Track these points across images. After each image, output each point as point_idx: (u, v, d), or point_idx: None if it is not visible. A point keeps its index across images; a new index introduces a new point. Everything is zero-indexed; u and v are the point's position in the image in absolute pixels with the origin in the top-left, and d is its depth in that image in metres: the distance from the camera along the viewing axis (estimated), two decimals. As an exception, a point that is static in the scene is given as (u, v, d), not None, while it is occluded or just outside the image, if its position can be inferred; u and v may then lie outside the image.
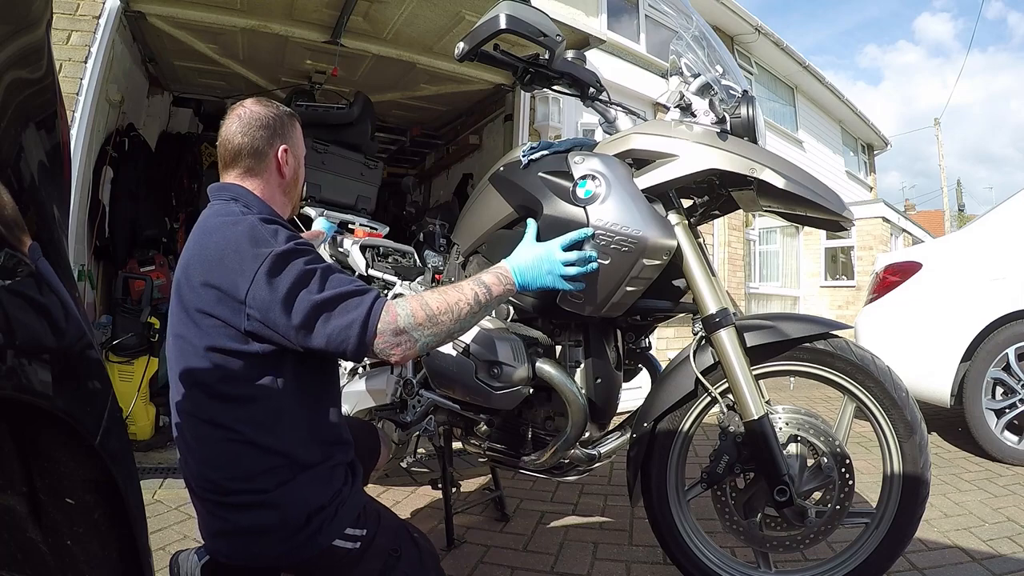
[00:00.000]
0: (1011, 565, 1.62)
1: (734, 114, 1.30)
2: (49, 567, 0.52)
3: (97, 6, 2.61)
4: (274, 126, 1.16)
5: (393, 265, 2.05)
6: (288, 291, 0.94)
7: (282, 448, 0.98)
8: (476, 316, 1.07)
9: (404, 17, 3.00)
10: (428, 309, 1.01)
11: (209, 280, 0.98)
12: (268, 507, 0.96)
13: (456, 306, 1.03)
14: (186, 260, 1.03)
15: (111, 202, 3.18)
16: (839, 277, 8.96)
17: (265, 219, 1.04)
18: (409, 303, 1.00)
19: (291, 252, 0.98)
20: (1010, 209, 3.00)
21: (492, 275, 1.12)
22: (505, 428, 1.52)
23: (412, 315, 0.99)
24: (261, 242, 0.98)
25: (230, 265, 0.97)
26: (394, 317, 0.98)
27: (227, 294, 0.96)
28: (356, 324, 0.95)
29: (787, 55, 7.94)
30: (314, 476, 1.00)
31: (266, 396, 0.99)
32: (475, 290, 1.07)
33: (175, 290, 1.04)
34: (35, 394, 0.47)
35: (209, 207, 1.10)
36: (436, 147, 5.16)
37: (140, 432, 2.63)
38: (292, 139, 1.20)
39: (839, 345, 1.27)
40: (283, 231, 1.03)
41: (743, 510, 1.30)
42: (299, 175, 1.23)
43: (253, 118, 1.14)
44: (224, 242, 0.99)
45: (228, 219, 1.03)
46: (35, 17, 0.56)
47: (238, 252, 0.97)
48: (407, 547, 1.09)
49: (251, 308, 0.95)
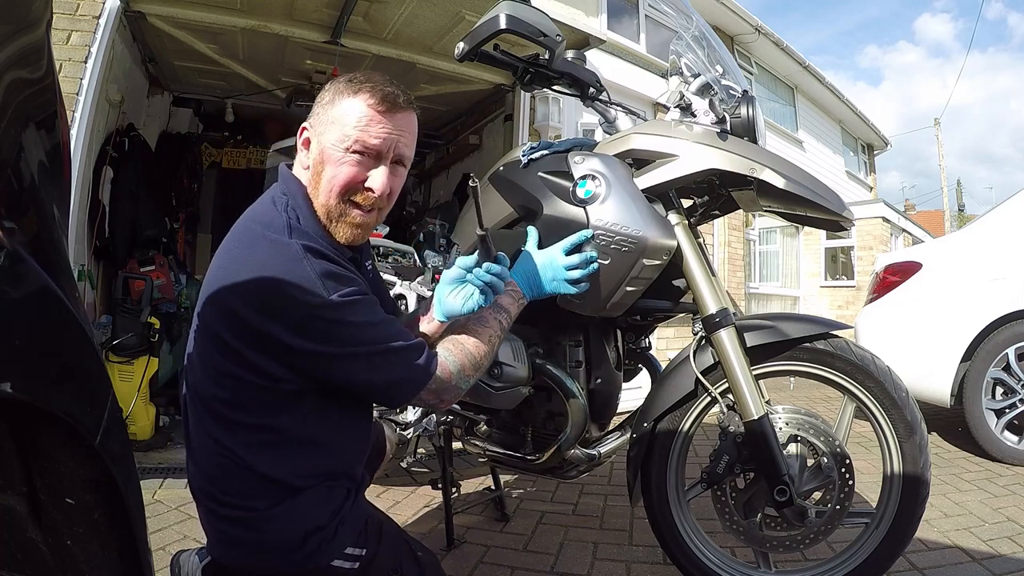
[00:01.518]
0: (1011, 565, 1.62)
1: (734, 114, 1.30)
2: (49, 567, 0.52)
3: (97, 6, 2.61)
4: (321, 97, 1.06)
5: (393, 265, 2.06)
6: (334, 346, 0.88)
7: (281, 478, 0.93)
8: (501, 342, 1.10)
9: (404, 17, 3.00)
10: (472, 358, 1.01)
11: (245, 316, 0.87)
12: (260, 526, 0.92)
13: (488, 343, 1.05)
14: (217, 280, 0.91)
15: (111, 202, 3.18)
16: (839, 277, 8.96)
17: (307, 247, 0.90)
18: (457, 358, 0.99)
19: (341, 306, 0.88)
20: (1010, 209, 3.00)
21: (507, 297, 1.12)
22: (505, 428, 1.52)
23: (462, 370, 0.99)
24: (308, 284, 0.87)
25: (272, 305, 0.86)
26: (448, 376, 0.97)
27: (266, 336, 0.87)
28: (411, 382, 0.94)
29: (787, 55, 7.94)
30: (311, 496, 0.94)
31: (276, 429, 0.92)
32: (499, 319, 1.09)
33: (201, 307, 0.93)
34: (35, 394, 0.47)
35: (252, 207, 0.99)
36: (436, 147, 5.17)
37: (140, 432, 2.63)
38: (319, 119, 1.07)
39: (839, 345, 1.27)
40: (332, 268, 0.90)
41: (743, 510, 1.29)
42: (325, 156, 1.07)
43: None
44: (261, 277, 0.87)
45: (266, 242, 0.90)
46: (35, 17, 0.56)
47: (279, 293, 0.86)
48: (408, 565, 1.04)
49: (292, 354, 0.87)
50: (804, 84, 8.93)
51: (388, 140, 0.96)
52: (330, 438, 0.97)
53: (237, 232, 0.95)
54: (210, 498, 0.95)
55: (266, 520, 0.92)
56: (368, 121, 0.94)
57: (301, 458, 0.94)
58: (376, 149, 0.95)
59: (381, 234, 2.50)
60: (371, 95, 0.94)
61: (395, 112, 0.96)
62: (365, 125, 0.94)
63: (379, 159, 0.97)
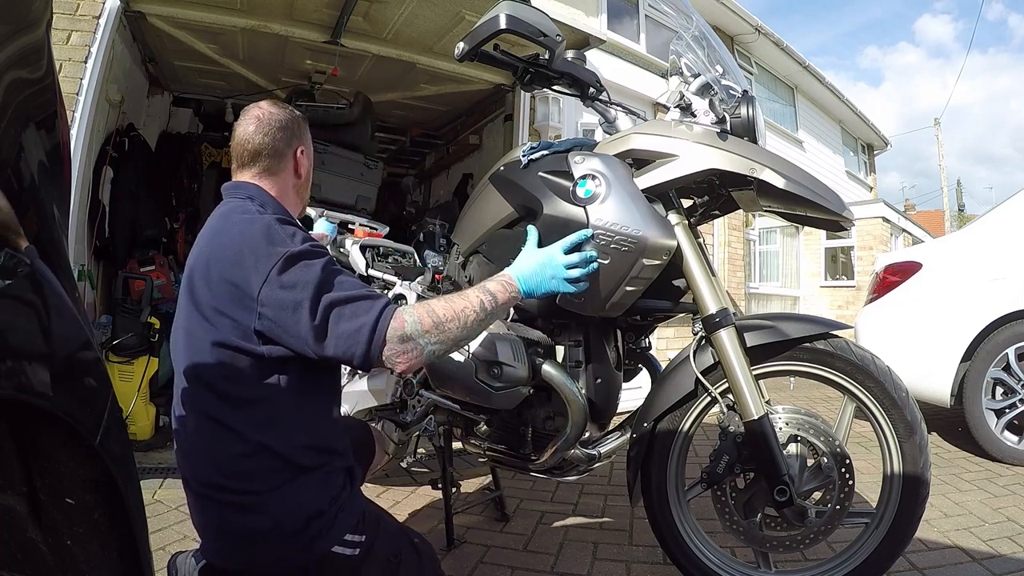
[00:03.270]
0: (1011, 565, 1.62)
1: (734, 114, 1.30)
2: (49, 567, 0.52)
3: (97, 6, 2.61)
4: (292, 127, 1.18)
5: (393, 265, 2.05)
6: (300, 292, 0.94)
7: (280, 450, 0.97)
8: (482, 324, 1.07)
9: (404, 17, 3.00)
10: (435, 316, 1.00)
11: (224, 276, 0.98)
12: (263, 510, 0.96)
13: (462, 313, 1.03)
14: (200, 255, 1.03)
15: (111, 202, 3.18)
16: (839, 277, 8.96)
17: (281, 219, 1.05)
18: (416, 310, 1.00)
19: (306, 253, 0.98)
20: (1010, 209, 3.00)
21: (497, 283, 1.12)
22: (505, 428, 1.52)
23: (419, 321, 0.98)
24: (278, 241, 0.98)
25: (246, 263, 0.97)
26: (401, 323, 0.97)
27: (241, 291, 0.96)
28: (365, 329, 0.95)
29: (787, 55, 7.93)
30: (311, 480, 1.00)
31: (268, 398, 0.99)
32: (481, 298, 1.07)
33: (185, 284, 1.04)
34: (35, 394, 0.48)
35: (224, 203, 1.11)
36: (436, 147, 5.17)
37: (140, 432, 2.63)
38: (307, 140, 1.22)
39: (839, 345, 1.27)
40: (299, 233, 1.03)
41: (743, 510, 1.30)
42: (310, 176, 1.26)
43: (272, 119, 1.15)
44: (241, 239, 0.99)
45: (245, 216, 1.04)
46: (35, 17, 0.56)
47: (254, 250, 0.97)
48: (407, 553, 1.09)
49: (263, 307, 0.95)
50: (804, 84, 8.93)
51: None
52: (316, 408, 1.05)
53: (210, 224, 1.09)
54: (211, 485, 0.97)
55: (267, 503, 0.95)
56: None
57: (296, 428, 0.99)
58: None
59: (381, 234, 2.49)
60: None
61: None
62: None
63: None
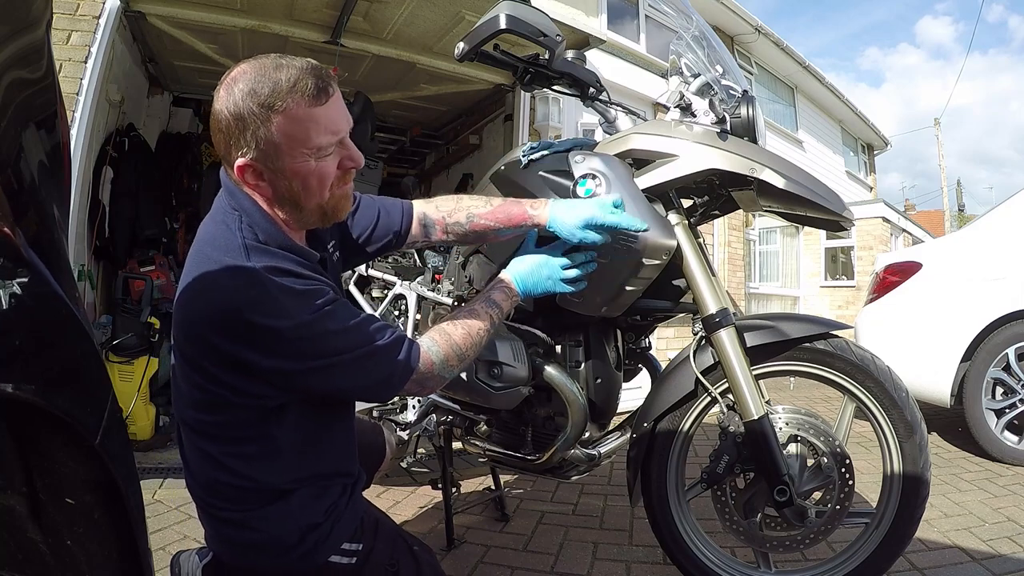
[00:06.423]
0: (1011, 565, 1.62)
1: (734, 114, 1.30)
2: (49, 567, 0.52)
3: (97, 6, 2.61)
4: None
5: (393, 265, 2.05)
6: (318, 360, 0.88)
7: (275, 484, 0.94)
8: (490, 336, 1.09)
9: (404, 17, 3.00)
10: (457, 348, 1.01)
11: (213, 341, 0.86)
12: (256, 526, 0.93)
13: (477, 335, 1.04)
14: (187, 306, 0.89)
15: (111, 202, 3.18)
16: (839, 277, 8.96)
17: (270, 268, 0.87)
18: (440, 347, 0.99)
19: (315, 321, 0.87)
20: (1010, 209, 3.00)
21: (499, 291, 1.12)
22: (505, 428, 1.52)
23: (445, 360, 0.99)
24: (277, 313, 0.84)
25: (243, 332, 0.84)
26: (430, 366, 0.97)
27: (240, 361, 0.86)
28: (395, 378, 0.94)
29: (787, 55, 7.94)
30: (306, 495, 0.96)
31: (262, 438, 0.92)
32: (489, 313, 1.08)
33: (175, 326, 0.92)
34: (35, 394, 0.47)
35: (210, 220, 0.97)
36: (436, 147, 5.17)
37: (140, 432, 2.63)
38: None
39: (839, 345, 1.27)
40: (294, 283, 0.88)
41: (743, 510, 1.29)
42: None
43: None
44: (227, 303, 0.84)
45: (228, 259, 0.87)
46: (35, 17, 0.56)
47: (250, 321, 0.83)
48: (405, 560, 1.06)
49: (272, 379, 0.87)
50: (804, 84, 8.93)
51: (341, 119, 0.92)
52: (318, 439, 0.98)
53: (196, 260, 0.91)
54: (205, 501, 0.97)
55: (261, 519, 0.93)
56: (322, 121, 0.89)
57: (291, 463, 0.95)
58: (340, 135, 0.92)
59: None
60: (303, 97, 0.87)
61: (330, 93, 0.90)
62: (323, 127, 0.89)
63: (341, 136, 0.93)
